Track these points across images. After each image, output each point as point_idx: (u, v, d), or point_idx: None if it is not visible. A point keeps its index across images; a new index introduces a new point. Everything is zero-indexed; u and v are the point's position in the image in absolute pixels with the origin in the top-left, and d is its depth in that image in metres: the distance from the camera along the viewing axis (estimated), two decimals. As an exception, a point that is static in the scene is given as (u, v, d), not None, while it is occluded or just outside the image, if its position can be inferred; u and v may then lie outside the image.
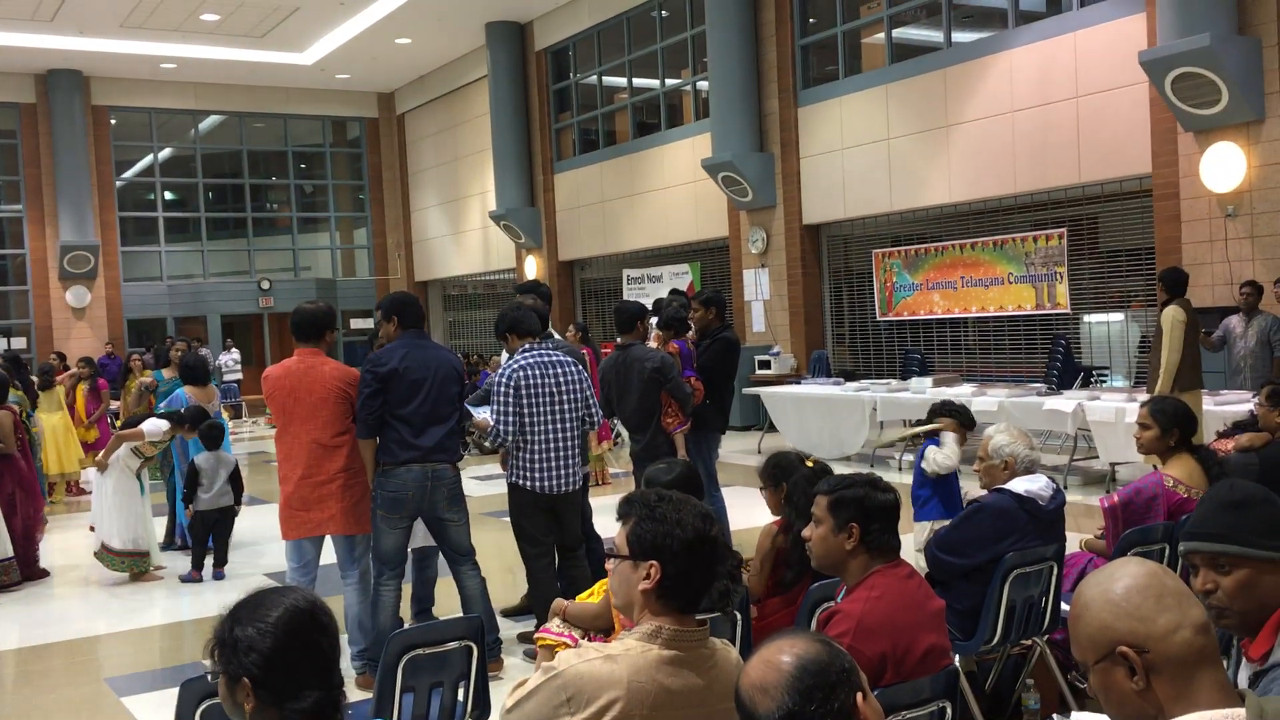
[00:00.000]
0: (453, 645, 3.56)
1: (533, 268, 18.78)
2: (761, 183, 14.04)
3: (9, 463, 8.17)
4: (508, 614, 6.26)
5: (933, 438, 5.74)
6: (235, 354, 20.28)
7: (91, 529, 8.11)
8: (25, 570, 8.09)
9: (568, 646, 3.67)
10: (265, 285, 22.19)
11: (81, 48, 18.57)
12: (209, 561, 7.99)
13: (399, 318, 5.48)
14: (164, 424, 7.95)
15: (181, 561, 8.49)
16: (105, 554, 7.89)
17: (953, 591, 3.98)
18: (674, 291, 9.33)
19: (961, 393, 9.49)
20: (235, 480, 7.98)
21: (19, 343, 20.34)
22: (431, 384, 5.29)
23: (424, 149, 22.82)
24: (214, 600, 7.44)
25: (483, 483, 11.18)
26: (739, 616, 3.70)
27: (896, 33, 13.07)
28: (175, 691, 5.38)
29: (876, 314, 13.38)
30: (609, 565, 2.47)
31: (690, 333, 7.28)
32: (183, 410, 8.16)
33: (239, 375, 20.07)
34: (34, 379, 11.60)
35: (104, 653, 6.49)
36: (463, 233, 21.59)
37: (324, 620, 2.05)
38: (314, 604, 2.06)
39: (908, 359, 12.40)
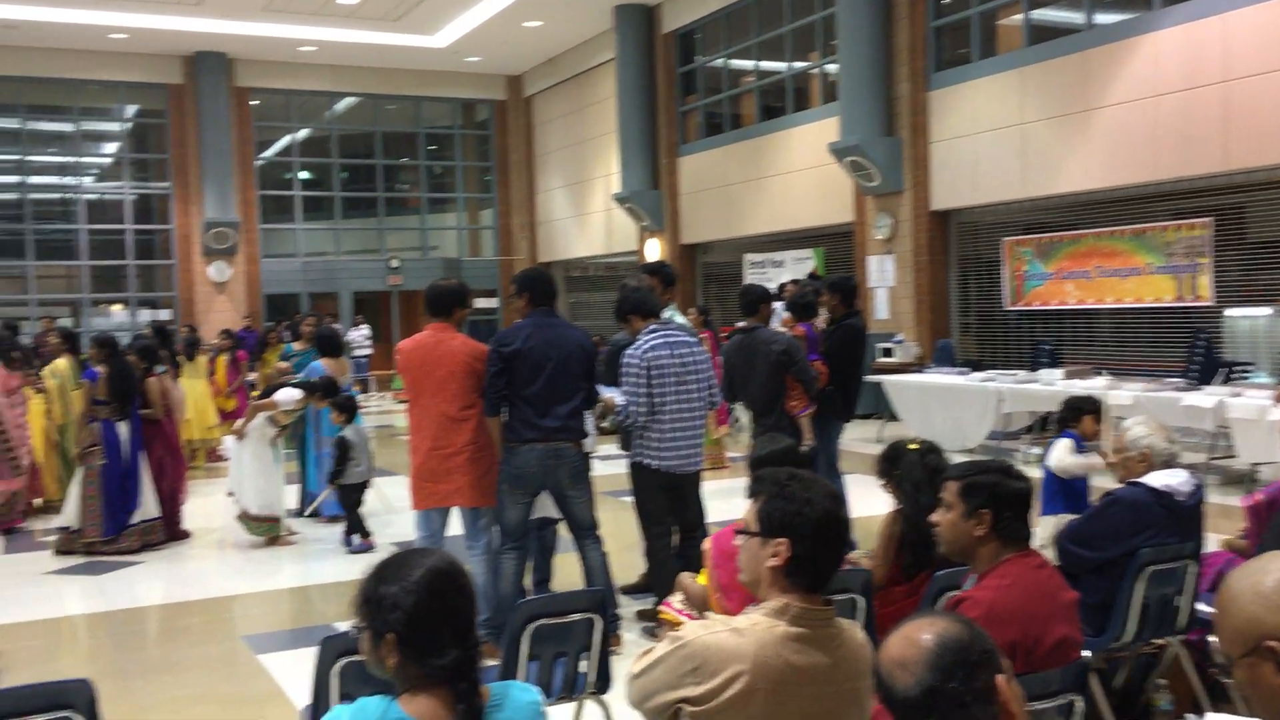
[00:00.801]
0: (576, 617, 3.63)
1: (655, 250, 18.85)
2: (889, 167, 13.81)
3: (158, 428, 8.59)
4: (626, 591, 6.33)
5: (1069, 432, 5.61)
6: (365, 329, 20.85)
7: (230, 495, 8.45)
8: (169, 531, 8.51)
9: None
10: (395, 264, 22.75)
11: (226, 30, 19.28)
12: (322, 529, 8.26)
13: (530, 294, 5.56)
14: (297, 393, 8.24)
15: (312, 529, 8.83)
16: (245, 519, 8.23)
17: (1083, 585, 3.88)
18: (812, 275, 9.26)
19: (1095, 386, 9.21)
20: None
21: (165, 314, 21.30)
22: (556, 364, 5.37)
23: (550, 131, 23.07)
24: (342, 567, 7.71)
25: (603, 462, 11.31)
26: (862, 601, 3.68)
27: (1035, 14, 12.69)
28: (307, 650, 5.60)
29: (1005, 303, 13.06)
30: (737, 541, 2.49)
31: (820, 318, 7.24)
32: (315, 380, 8.45)
33: (369, 350, 20.64)
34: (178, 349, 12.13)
35: (240, 611, 6.78)
36: (586, 214, 21.78)
37: (462, 581, 2.12)
38: (453, 565, 2.13)
39: (1037, 350, 12.08)
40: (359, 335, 20.49)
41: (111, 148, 23.38)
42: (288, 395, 8.22)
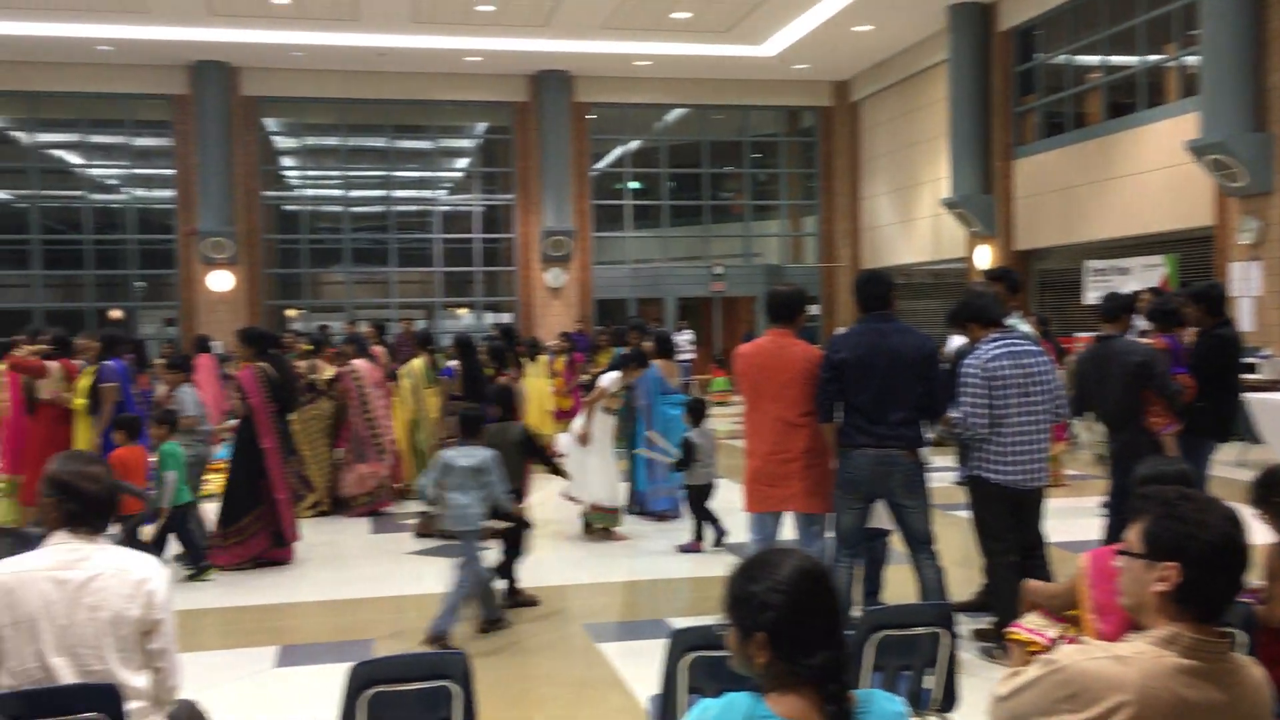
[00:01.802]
0: (921, 630, 3.55)
1: (985, 257, 18.14)
2: (1257, 166, 12.58)
3: (503, 423, 9.17)
4: (961, 609, 6.10)
5: None
6: (689, 334, 21.37)
7: (570, 498, 8.86)
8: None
9: (1039, 645, 3.52)
10: (718, 270, 23.18)
11: (569, 49, 20.37)
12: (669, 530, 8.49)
13: (861, 299, 5.50)
14: (616, 374, 8.66)
15: (640, 526, 9.12)
16: (595, 512, 8.64)
17: None
18: (1157, 290, 8.60)
19: None
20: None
21: (506, 318, 22.79)
22: (887, 371, 5.27)
23: (876, 136, 22.74)
24: (673, 564, 7.93)
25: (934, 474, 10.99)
26: (1244, 637, 3.36)
27: None
28: (644, 643, 5.81)
29: (1399, 316, 11.60)
30: (1118, 562, 2.33)
31: (1186, 328, 6.70)
32: (628, 352, 8.86)
33: (692, 355, 21.14)
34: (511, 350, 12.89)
35: (580, 601, 7.10)
36: (912, 220, 21.29)
37: (829, 582, 2.11)
38: (819, 565, 2.13)
39: None
40: (683, 340, 21.00)
41: (463, 163, 25.31)
42: (610, 378, 8.67)
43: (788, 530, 5.74)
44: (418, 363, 10.87)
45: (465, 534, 5.95)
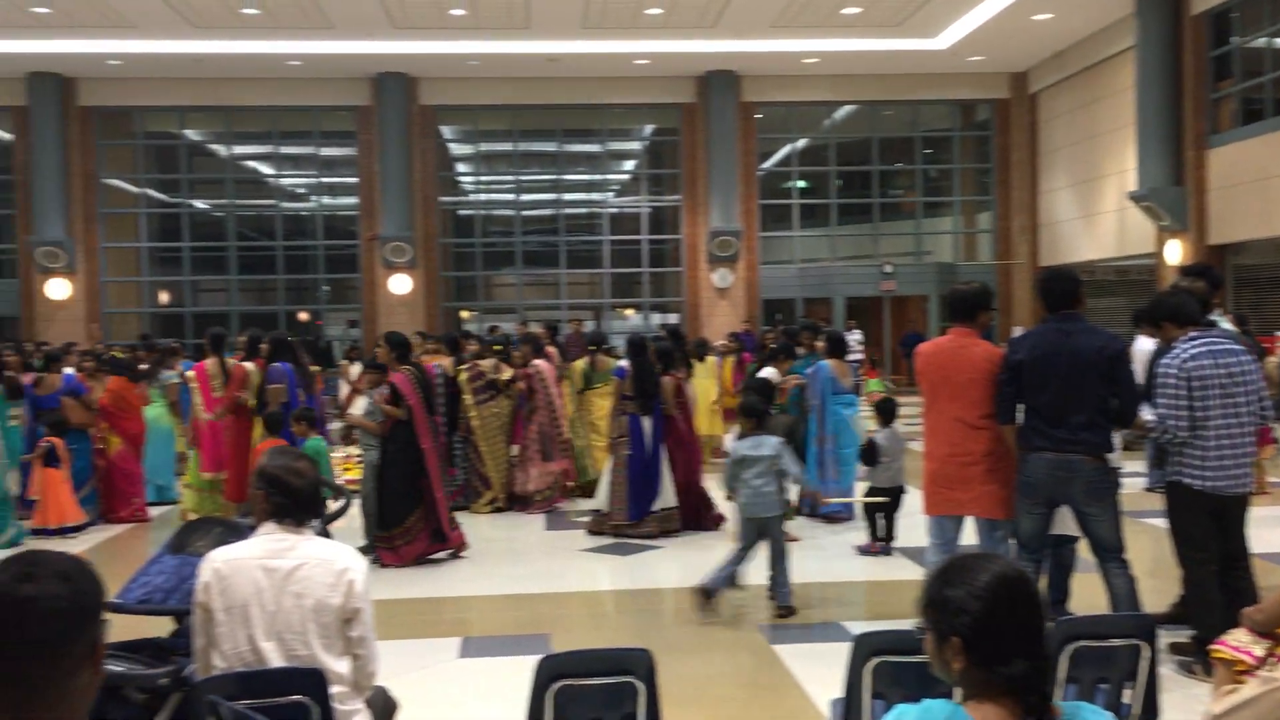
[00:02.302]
0: (1119, 642, 3.40)
1: (1175, 252, 17.23)
2: None
3: (671, 424, 9.23)
4: (1157, 622, 5.83)
5: None
6: (857, 334, 21.03)
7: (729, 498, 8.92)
8: (685, 519, 9.10)
9: (1245, 663, 3.33)
10: (888, 269, 22.75)
11: (737, 49, 20.33)
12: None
13: (1044, 298, 5.32)
14: (771, 370, 8.80)
15: (812, 527, 9.04)
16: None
17: None
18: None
19: None
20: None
21: (673, 318, 22.92)
22: (1068, 372, 5.08)
23: (1056, 128, 21.88)
24: (850, 567, 7.82)
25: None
26: None
27: None
28: (820, 645, 5.76)
29: None
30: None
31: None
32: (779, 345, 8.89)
33: (860, 355, 20.81)
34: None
35: (753, 601, 7.07)
36: (1095, 215, 20.40)
37: (1031, 590, 2.04)
38: (1021, 573, 2.06)
39: None
40: (852, 340, 20.70)
41: (631, 165, 25.59)
42: (770, 371, 8.72)
43: (969, 535, 5.59)
44: (579, 364, 11.03)
45: (768, 520, 6.46)
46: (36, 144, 20.89)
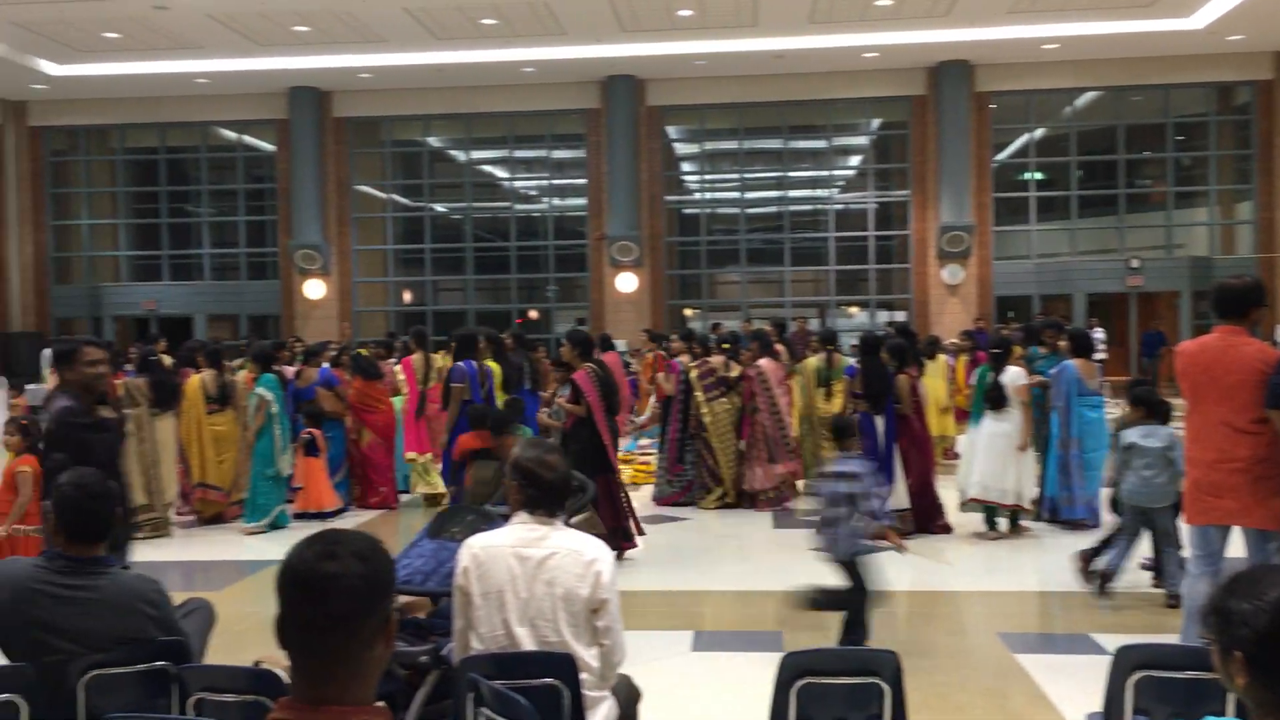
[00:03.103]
0: None
1: None
2: None
3: (905, 423, 9.04)
4: None
5: None
6: (1100, 333, 19.99)
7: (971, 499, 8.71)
8: (918, 522, 8.90)
9: None
10: (1134, 264, 21.48)
11: (970, 38, 19.68)
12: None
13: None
14: (1018, 371, 8.63)
15: (1053, 534, 8.66)
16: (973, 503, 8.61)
17: None
18: None
19: None
20: None
21: (900, 316, 22.41)
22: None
23: (1328, 110, 20.15)
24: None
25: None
26: None
27: None
28: (1068, 658, 5.51)
29: None
30: None
31: None
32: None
33: (1104, 355, 19.75)
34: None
35: (992, 608, 6.84)
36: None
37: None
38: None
39: None
40: (1095, 339, 19.70)
41: (856, 160, 25.17)
42: (1014, 374, 8.52)
43: (1236, 547, 5.21)
44: (812, 361, 10.97)
45: (1155, 510, 6.47)
46: (296, 154, 22.48)
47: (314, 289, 22.79)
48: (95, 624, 3.30)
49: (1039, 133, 22.91)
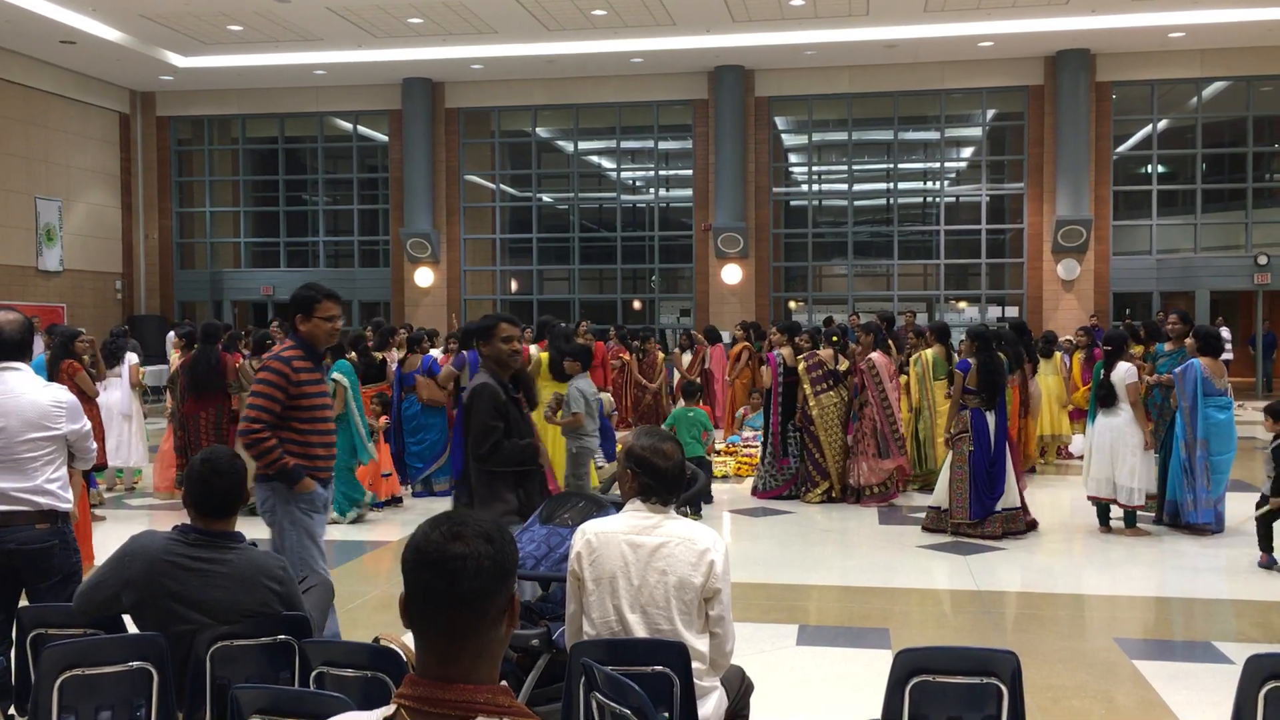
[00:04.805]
0: None
1: None
2: None
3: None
4: None
5: None
6: (1225, 332, 19.26)
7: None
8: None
9: None
10: (1262, 260, 20.62)
11: (1091, 26, 19.09)
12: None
13: None
14: (1130, 368, 8.51)
15: (1173, 538, 8.38)
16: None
17: None
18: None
19: None
20: None
21: (1011, 311, 21.88)
22: None
23: None
24: (1212, 583, 7.19)
25: None
26: None
27: None
28: (1190, 665, 5.34)
29: None
30: None
31: None
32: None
33: (1229, 355, 19.03)
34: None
35: (1109, 612, 6.65)
36: None
37: None
38: None
39: None
40: (1223, 337, 18.99)
41: (968, 152, 24.64)
42: (1124, 372, 8.42)
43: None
44: (929, 353, 10.85)
45: None
46: (408, 144, 22.91)
47: (424, 277, 23.22)
48: (223, 596, 3.42)
49: (1162, 124, 22.13)
